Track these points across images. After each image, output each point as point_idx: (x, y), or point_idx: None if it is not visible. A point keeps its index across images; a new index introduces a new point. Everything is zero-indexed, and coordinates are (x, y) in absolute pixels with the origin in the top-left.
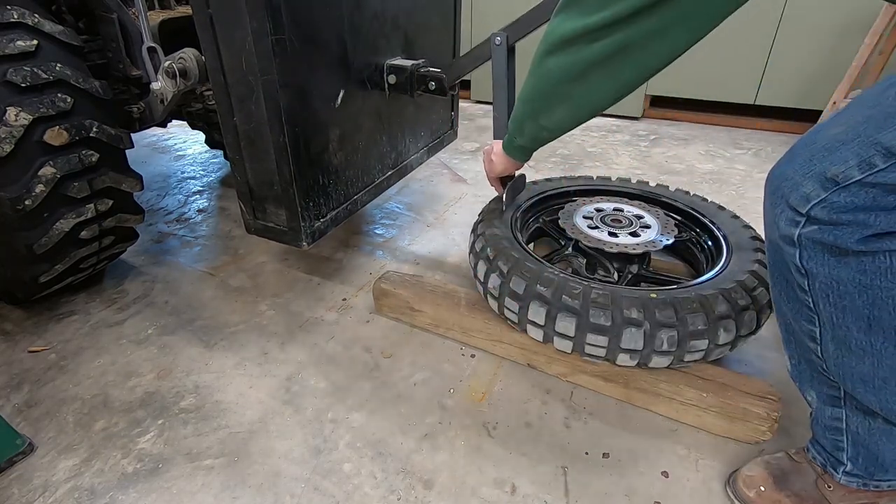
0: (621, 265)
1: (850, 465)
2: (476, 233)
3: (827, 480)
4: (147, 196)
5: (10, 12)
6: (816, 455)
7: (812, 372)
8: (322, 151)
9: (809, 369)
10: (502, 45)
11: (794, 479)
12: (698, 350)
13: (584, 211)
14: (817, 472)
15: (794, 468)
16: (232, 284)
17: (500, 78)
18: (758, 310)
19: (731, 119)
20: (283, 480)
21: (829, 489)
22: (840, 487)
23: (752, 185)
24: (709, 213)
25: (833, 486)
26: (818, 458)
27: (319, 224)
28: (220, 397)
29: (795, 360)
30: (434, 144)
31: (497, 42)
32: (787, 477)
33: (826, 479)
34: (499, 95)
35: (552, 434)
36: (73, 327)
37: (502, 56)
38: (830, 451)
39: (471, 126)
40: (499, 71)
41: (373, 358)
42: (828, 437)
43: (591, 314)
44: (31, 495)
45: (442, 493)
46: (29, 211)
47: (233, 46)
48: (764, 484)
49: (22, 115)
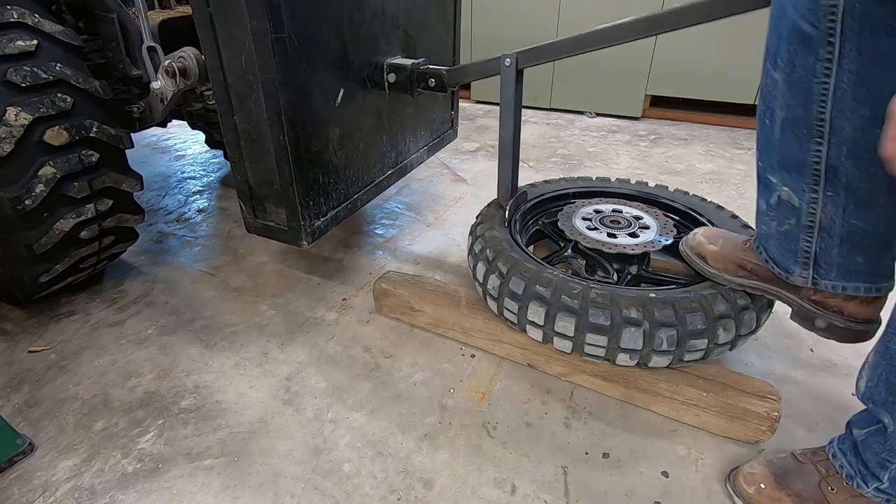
0: (621, 266)
1: (889, 484)
2: (475, 235)
3: (832, 483)
4: (147, 196)
5: (10, 12)
6: (846, 464)
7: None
8: (322, 150)
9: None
10: (511, 66)
11: (795, 479)
12: (698, 349)
13: (583, 212)
14: (821, 474)
15: (796, 468)
16: (232, 284)
17: (508, 99)
18: (757, 309)
19: (731, 119)
20: (283, 480)
21: (832, 492)
22: (845, 490)
23: (751, 185)
24: (707, 212)
25: (837, 489)
26: (848, 467)
27: (320, 223)
28: (220, 397)
29: (874, 383)
30: (434, 144)
31: (507, 63)
32: (788, 476)
33: (831, 481)
34: (506, 116)
35: (552, 434)
36: (73, 327)
37: (511, 77)
38: (872, 465)
39: (471, 126)
40: (507, 92)
41: (373, 358)
42: (881, 455)
43: (591, 314)
44: (31, 495)
45: (442, 493)
46: (29, 211)
47: (233, 45)
48: (764, 482)
49: (22, 115)
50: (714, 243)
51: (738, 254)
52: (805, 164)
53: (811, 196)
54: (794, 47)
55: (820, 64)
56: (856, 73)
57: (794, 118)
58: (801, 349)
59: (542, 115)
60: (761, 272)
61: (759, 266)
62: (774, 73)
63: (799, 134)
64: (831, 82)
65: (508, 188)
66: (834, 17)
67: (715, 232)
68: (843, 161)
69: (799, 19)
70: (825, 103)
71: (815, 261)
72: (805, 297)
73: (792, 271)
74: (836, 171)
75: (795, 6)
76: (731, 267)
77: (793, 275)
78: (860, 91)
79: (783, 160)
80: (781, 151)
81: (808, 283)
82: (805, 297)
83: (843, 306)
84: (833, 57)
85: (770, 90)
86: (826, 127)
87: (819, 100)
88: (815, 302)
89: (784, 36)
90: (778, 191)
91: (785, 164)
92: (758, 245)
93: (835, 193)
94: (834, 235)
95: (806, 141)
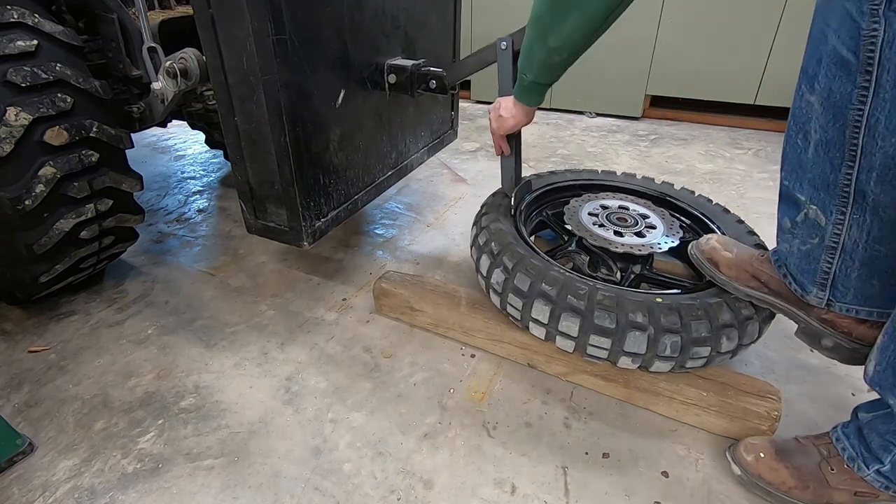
0: (625, 265)
1: (891, 467)
2: (479, 226)
3: (832, 464)
4: (147, 196)
5: (10, 12)
6: (848, 446)
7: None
8: (323, 151)
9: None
10: (508, 49)
11: (796, 456)
12: (700, 357)
13: (589, 208)
14: (822, 455)
15: (798, 448)
16: (232, 284)
17: (506, 82)
18: (761, 320)
19: (731, 119)
20: (283, 480)
21: (831, 471)
22: (845, 472)
23: (752, 185)
24: (714, 215)
25: (837, 469)
26: (850, 449)
27: (320, 224)
28: (220, 397)
29: (883, 366)
30: (434, 144)
31: (503, 46)
32: (789, 453)
33: (832, 462)
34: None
35: (552, 434)
36: (73, 327)
37: (508, 60)
38: (875, 448)
39: (471, 126)
40: (505, 75)
41: (373, 358)
42: (885, 437)
43: (596, 316)
44: (31, 495)
45: (442, 493)
46: (29, 211)
47: (234, 46)
48: (764, 452)
49: (22, 115)
50: (729, 251)
51: (752, 263)
52: (836, 186)
53: (838, 217)
54: (833, 72)
55: (857, 91)
56: (890, 103)
57: (827, 141)
58: (801, 349)
59: (542, 114)
60: (774, 284)
61: (773, 278)
62: (811, 97)
63: (832, 156)
64: (866, 109)
65: (512, 176)
66: (874, 46)
67: (729, 240)
68: (872, 186)
69: (840, 46)
70: (858, 129)
71: (833, 282)
72: (815, 316)
73: (809, 291)
74: (864, 195)
75: (837, 33)
76: (744, 276)
77: (809, 294)
78: (894, 120)
79: (814, 180)
80: (813, 171)
81: (822, 304)
82: (815, 316)
83: (853, 328)
84: (870, 85)
85: (805, 111)
86: (858, 152)
87: (853, 125)
88: (824, 321)
89: (824, 61)
90: (805, 209)
91: (815, 183)
92: (776, 259)
93: (861, 216)
94: (855, 258)
95: (838, 163)
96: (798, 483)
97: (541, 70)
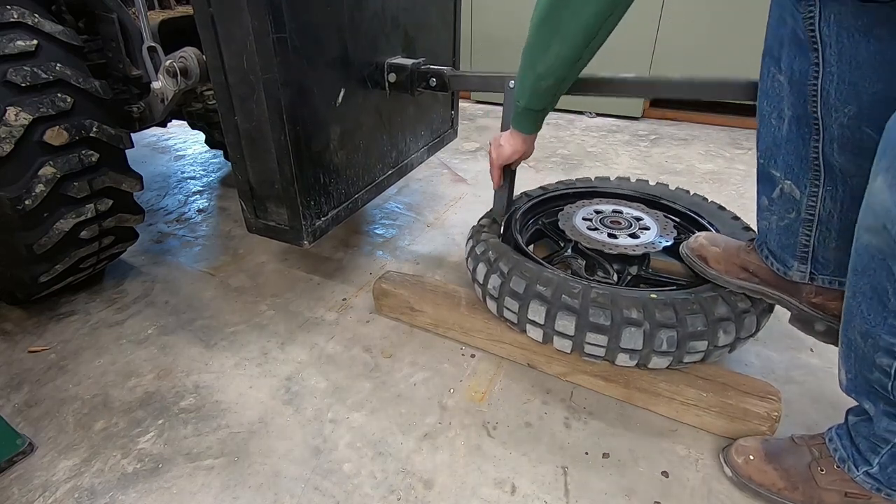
0: (621, 266)
1: (878, 468)
2: (475, 240)
3: (822, 465)
4: (147, 196)
5: (10, 12)
6: (840, 447)
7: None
8: (323, 150)
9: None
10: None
11: (786, 457)
12: (697, 351)
13: (583, 213)
14: (813, 456)
15: (790, 448)
16: (232, 284)
17: (509, 119)
18: (758, 313)
19: (731, 119)
20: (283, 480)
21: (821, 472)
22: (834, 473)
23: (751, 185)
24: (708, 213)
25: (827, 470)
26: (841, 450)
27: (320, 223)
28: (220, 397)
29: (853, 374)
30: (434, 143)
31: (511, 85)
32: (780, 454)
33: (822, 463)
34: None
35: (552, 434)
36: (73, 327)
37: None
38: (863, 449)
39: (471, 126)
40: (509, 112)
41: (373, 358)
42: (870, 439)
43: (591, 313)
44: (31, 495)
45: (442, 493)
46: (29, 211)
47: (234, 45)
48: (754, 454)
49: (22, 115)
50: (717, 245)
51: (740, 255)
52: (807, 160)
53: (812, 190)
54: (793, 52)
55: (812, 68)
56: (837, 76)
57: (798, 117)
58: (801, 349)
59: None
60: (763, 273)
61: (761, 267)
62: (780, 77)
63: (802, 132)
64: (819, 83)
65: (503, 206)
66: (812, 25)
67: (717, 236)
68: (836, 156)
69: (795, 27)
70: (815, 102)
71: (813, 255)
72: (805, 300)
73: (790, 265)
74: (832, 166)
75: (793, 15)
76: (733, 269)
77: (791, 269)
78: (843, 91)
79: (787, 156)
80: (787, 148)
81: (805, 279)
82: (805, 301)
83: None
84: (819, 61)
85: (777, 91)
86: (820, 124)
87: (811, 99)
88: (814, 305)
89: (785, 42)
90: (781, 184)
91: (789, 159)
92: (759, 243)
93: (833, 188)
94: (832, 229)
95: (807, 137)
96: (787, 484)
97: (531, 96)
